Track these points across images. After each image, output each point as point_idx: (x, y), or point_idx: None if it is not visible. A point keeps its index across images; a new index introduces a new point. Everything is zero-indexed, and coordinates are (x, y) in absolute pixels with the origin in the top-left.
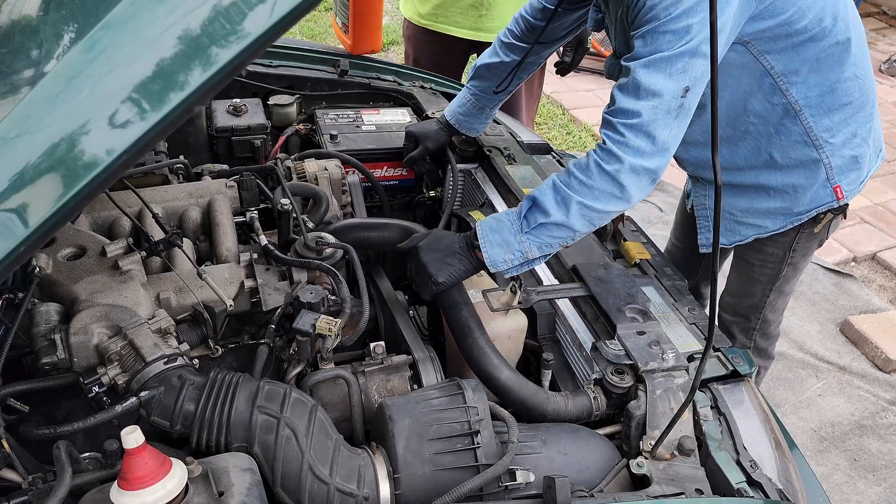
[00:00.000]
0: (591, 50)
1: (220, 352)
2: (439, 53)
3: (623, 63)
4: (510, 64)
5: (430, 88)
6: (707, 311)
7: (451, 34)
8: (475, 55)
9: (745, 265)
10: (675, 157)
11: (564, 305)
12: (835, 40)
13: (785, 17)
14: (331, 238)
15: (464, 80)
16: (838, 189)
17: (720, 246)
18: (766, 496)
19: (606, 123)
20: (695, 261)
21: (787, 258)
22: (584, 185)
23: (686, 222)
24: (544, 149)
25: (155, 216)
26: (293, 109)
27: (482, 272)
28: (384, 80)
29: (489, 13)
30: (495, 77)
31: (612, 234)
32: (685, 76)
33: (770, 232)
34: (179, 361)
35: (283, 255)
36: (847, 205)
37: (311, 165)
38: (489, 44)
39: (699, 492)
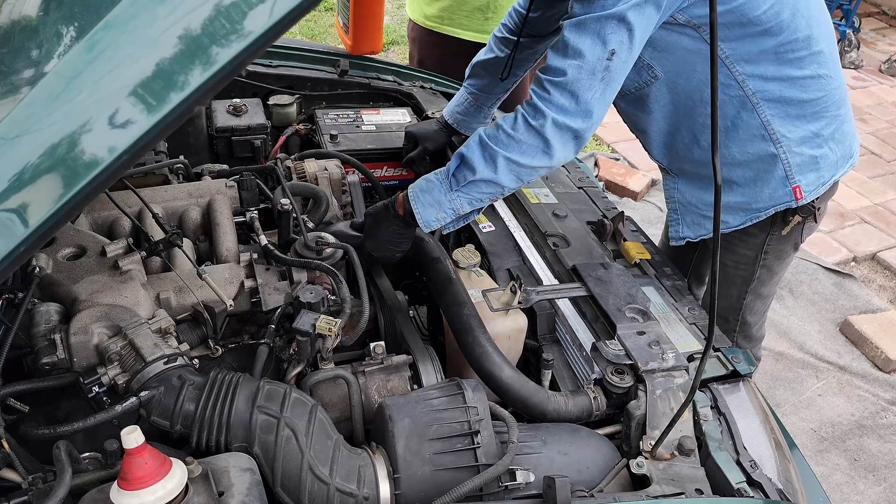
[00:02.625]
0: None
1: (220, 352)
2: (445, 55)
3: (562, 23)
4: (505, 60)
5: (430, 88)
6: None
7: (457, 37)
8: None
9: (720, 266)
10: (644, 148)
11: (564, 305)
12: (793, 36)
13: (736, 5)
14: (331, 238)
15: None
16: (797, 189)
17: (683, 240)
18: (766, 496)
19: (536, 80)
20: (684, 258)
21: (759, 260)
22: (511, 139)
23: None
24: None
25: (155, 216)
26: (293, 109)
27: (482, 273)
28: (384, 80)
29: (495, 16)
30: (491, 74)
31: (612, 234)
32: (612, 38)
33: (731, 228)
34: (179, 361)
35: (283, 255)
36: (816, 208)
37: (311, 165)
38: None
39: (699, 492)
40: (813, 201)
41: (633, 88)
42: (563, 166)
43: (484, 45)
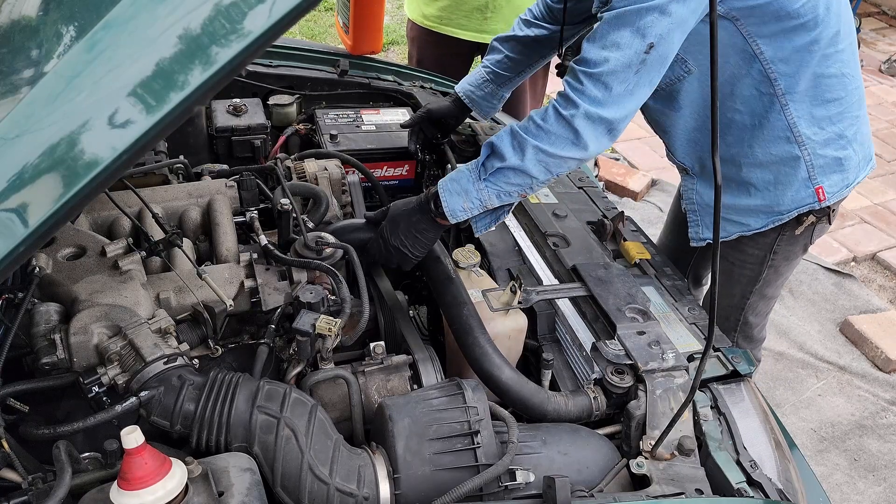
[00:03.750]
0: None
1: (220, 352)
2: (443, 55)
3: (599, 13)
4: (524, 41)
5: (430, 88)
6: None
7: (456, 36)
8: (479, 57)
9: (725, 264)
10: (666, 146)
11: (564, 305)
12: (825, 32)
13: None
14: (331, 238)
15: None
16: (820, 190)
17: (704, 242)
18: (766, 496)
19: (570, 71)
20: (683, 259)
21: (767, 260)
22: (540, 129)
23: (676, 221)
24: None
25: (155, 216)
26: (293, 109)
27: (482, 273)
28: (384, 80)
29: (494, 16)
30: (509, 51)
31: (612, 234)
32: (651, 31)
33: (753, 230)
34: (179, 361)
35: (283, 255)
36: (831, 209)
37: (311, 165)
38: None
39: (699, 492)
40: (832, 204)
41: (666, 84)
42: None
43: (483, 44)
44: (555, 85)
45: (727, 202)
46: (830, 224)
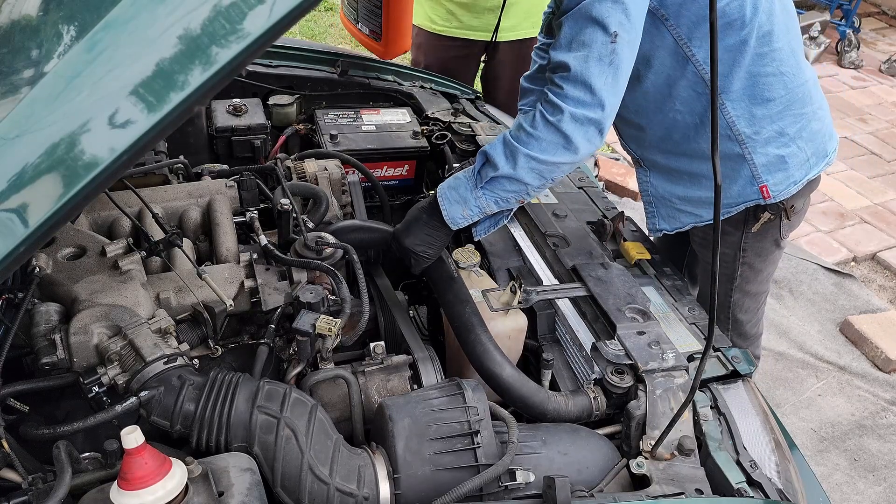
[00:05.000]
0: None
1: (220, 352)
2: (453, 58)
3: (554, 21)
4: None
5: (430, 88)
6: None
7: (467, 38)
8: (485, 57)
9: (703, 264)
10: (618, 136)
11: (564, 305)
12: (755, 32)
13: None
14: (331, 238)
15: (475, 84)
16: (764, 188)
17: (660, 232)
18: (766, 496)
19: (549, 80)
20: (677, 257)
21: (738, 258)
22: (531, 137)
23: None
24: None
25: (155, 216)
26: (293, 109)
27: (482, 273)
28: (384, 80)
29: (505, 13)
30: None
31: (611, 234)
32: (610, 20)
33: (705, 222)
34: (179, 361)
35: (283, 255)
36: (786, 205)
37: (311, 165)
38: (502, 43)
39: (699, 492)
40: (783, 200)
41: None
42: None
43: (495, 44)
44: None
45: (680, 193)
46: (789, 219)
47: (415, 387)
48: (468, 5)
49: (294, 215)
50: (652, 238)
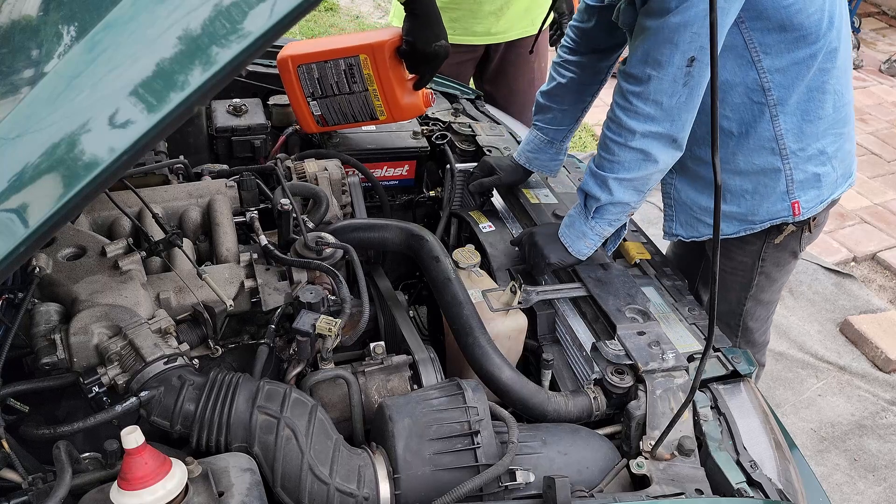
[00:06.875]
0: None
1: (220, 352)
2: (452, 64)
3: (638, 21)
4: (568, 86)
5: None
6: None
7: (468, 43)
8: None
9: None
10: None
11: (564, 305)
12: (825, 47)
13: (787, 3)
14: (331, 238)
15: (471, 83)
16: (796, 205)
17: (676, 237)
18: (766, 496)
19: (618, 90)
20: (694, 263)
21: (756, 267)
22: (612, 162)
23: None
24: None
25: (155, 216)
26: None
27: (482, 273)
28: None
29: (505, 14)
30: (556, 103)
31: None
32: (690, 47)
33: (725, 235)
34: (179, 361)
35: (283, 255)
36: (811, 220)
37: (311, 165)
38: (503, 45)
39: (699, 492)
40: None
41: None
42: (562, 166)
43: (495, 44)
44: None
45: (703, 204)
46: (811, 232)
47: (415, 387)
48: (472, 11)
49: (294, 215)
50: (666, 241)
